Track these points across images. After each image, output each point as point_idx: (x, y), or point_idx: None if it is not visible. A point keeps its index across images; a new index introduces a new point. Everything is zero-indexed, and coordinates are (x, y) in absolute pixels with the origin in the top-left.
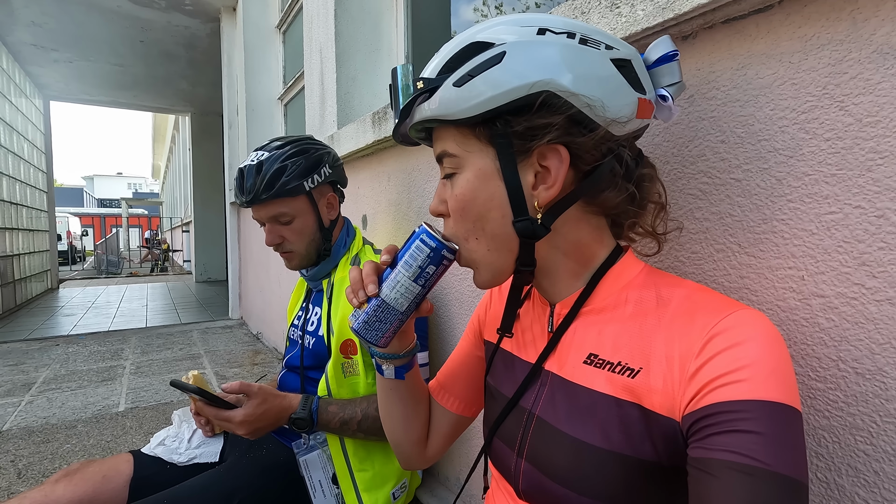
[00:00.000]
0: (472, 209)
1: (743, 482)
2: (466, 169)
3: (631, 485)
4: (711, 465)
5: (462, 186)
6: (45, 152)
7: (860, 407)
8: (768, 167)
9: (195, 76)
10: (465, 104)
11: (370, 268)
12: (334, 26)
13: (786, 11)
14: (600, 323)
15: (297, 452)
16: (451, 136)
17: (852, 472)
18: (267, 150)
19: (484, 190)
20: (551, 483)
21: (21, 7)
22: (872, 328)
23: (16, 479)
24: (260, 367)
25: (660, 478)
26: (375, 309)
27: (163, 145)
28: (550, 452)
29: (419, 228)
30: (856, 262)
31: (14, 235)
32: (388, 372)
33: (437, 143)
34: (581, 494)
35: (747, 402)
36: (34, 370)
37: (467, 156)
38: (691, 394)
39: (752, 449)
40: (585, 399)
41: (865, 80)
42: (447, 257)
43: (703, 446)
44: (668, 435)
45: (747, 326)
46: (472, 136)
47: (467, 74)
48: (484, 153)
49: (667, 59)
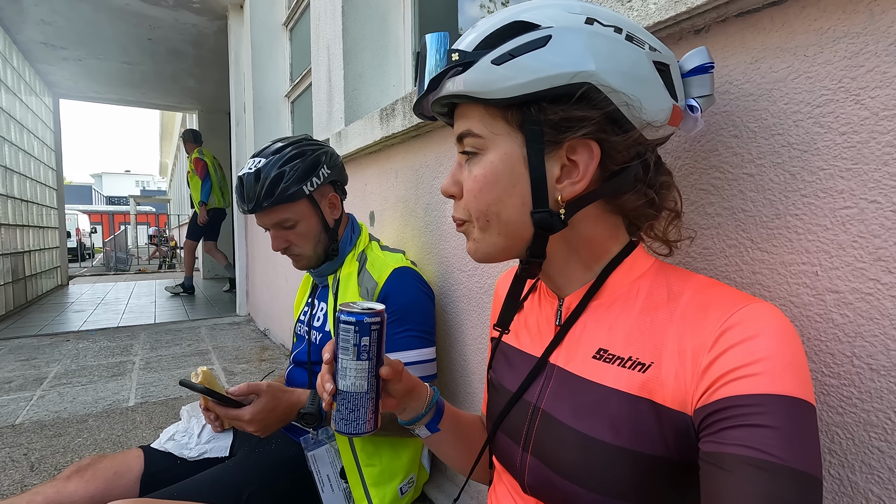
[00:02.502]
0: (490, 192)
1: (757, 477)
2: (490, 151)
3: (642, 481)
4: (725, 459)
5: (484, 168)
6: (54, 150)
7: (875, 403)
8: (782, 162)
9: (203, 74)
10: (502, 84)
11: (323, 371)
12: (342, 23)
13: (801, 4)
14: (610, 317)
15: (306, 447)
16: (477, 115)
17: (866, 469)
18: (264, 157)
19: (507, 175)
20: (559, 479)
21: (31, 6)
22: (888, 324)
23: (28, 471)
24: (267, 363)
25: (671, 474)
26: (342, 402)
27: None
28: (558, 448)
29: (336, 314)
30: (871, 257)
31: (24, 232)
32: (422, 433)
33: (461, 121)
34: (591, 491)
35: (762, 395)
36: (45, 365)
37: (494, 138)
38: (704, 387)
39: (767, 444)
40: (594, 394)
41: (882, 73)
42: (374, 322)
43: (716, 440)
44: (680, 430)
45: (761, 320)
46: (500, 119)
47: (508, 53)
48: (511, 138)
49: (702, 70)
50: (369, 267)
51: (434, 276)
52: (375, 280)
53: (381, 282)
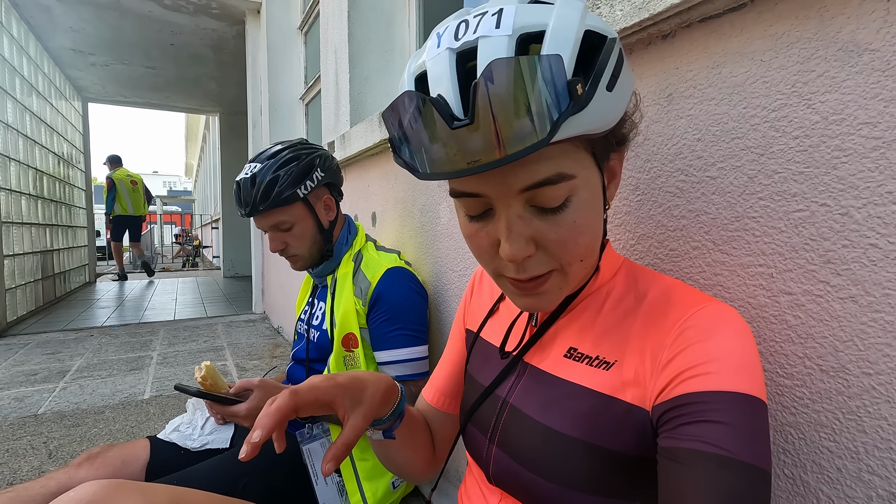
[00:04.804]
0: (588, 233)
1: (711, 470)
2: (582, 189)
3: (596, 473)
4: (681, 454)
5: (584, 210)
6: (83, 152)
7: (824, 404)
8: (741, 165)
9: (223, 77)
10: (615, 112)
11: None
12: (347, 28)
13: (758, 10)
14: (581, 317)
15: (301, 441)
16: (567, 154)
17: (817, 469)
18: (259, 161)
19: (597, 205)
20: (520, 468)
21: (61, 14)
22: (836, 325)
23: (46, 458)
24: (279, 359)
25: (625, 468)
26: None
27: (195, 144)
28: (521, 439)
29: None
30: (821, 259)
31: (54, 231)
32: (374, 435)
33: (545, 164)
34: (548, 480)
35: (716, 392)
36: (69, 358)
37: (583, 173)
38: (662, 384)
39: (721, 439)
40: (561, 390)
41: (832, 77)
42: None
43: (673, 436)
44: (638, 425)
45: (718, 320)
46: (583, 151)
47: (612, 76)
48: (592, 168)
49: None
50: (364, 267)
51: (428, 276)
52: (369, 280)
53: (374, 281)
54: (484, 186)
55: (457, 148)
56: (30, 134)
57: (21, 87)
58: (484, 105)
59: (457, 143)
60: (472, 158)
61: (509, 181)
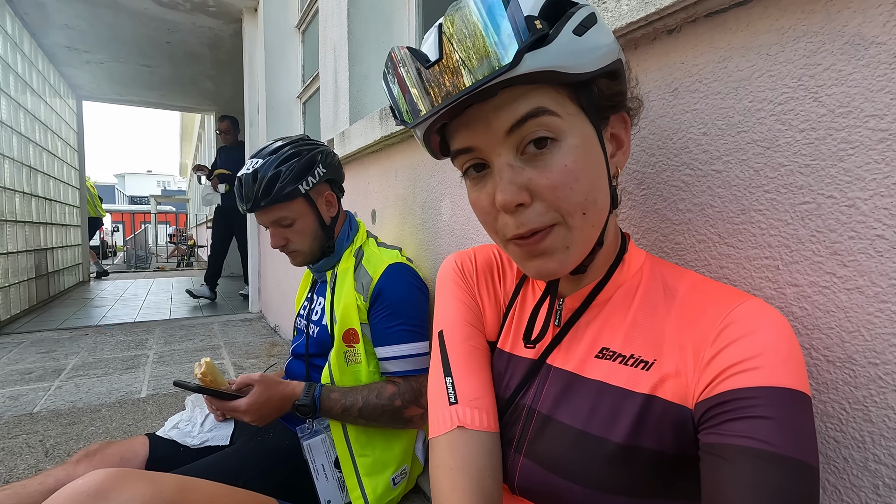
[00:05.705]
0: (584, 180)
1: (758, 466)
2: (570, 135)
3: (634, 474)
4: (726, 450)
5: (573, 153)
6: (77, 150)
7: (830, 394)
8: (747, 158)
9: (219, 76)
10: (587, 57)
11: None
12: (347, 25)
13: (764, 5)
14: (609, 314)
15: (302, 437)
16: (546, 94)
17: (823, 460)
18: (261, 157)
19: (593, 157)
20: (553, 477)
21: (55, 11)
22: (843, 316)
23: (43, 457)
24: (276, 358)
25: (664, 468)
26: None
27: (190, 143)
28: (554, 447)
29: None
30: (828, 251)
31: (48, 230)
32: None
33: (525, 101)
34: (584, 486)
35: (762, 388)
36: (64, 357)
37: (570, 118)
38: (706, 381)
39: (767, 434)
40: (596, 393)
41: (838, 70)
42: None
43: (718, 432)
44: (679, 423)
45: (759, 316)
46: (567, 99)
47: (581, 25)
48: (581, 117)
49: None
50: (365, 263)
51: (429, 272)
52: (370, 275)
53: (375, 277)
54: (473, 138)
55: (436, 88)
56: (24, 132)
57: (15, 85)
58: (448, 40)
59: (436, 83)
60: (447, 93)
61: (494, 126)
